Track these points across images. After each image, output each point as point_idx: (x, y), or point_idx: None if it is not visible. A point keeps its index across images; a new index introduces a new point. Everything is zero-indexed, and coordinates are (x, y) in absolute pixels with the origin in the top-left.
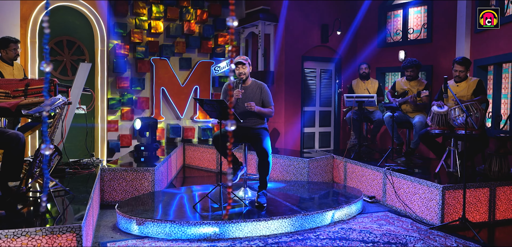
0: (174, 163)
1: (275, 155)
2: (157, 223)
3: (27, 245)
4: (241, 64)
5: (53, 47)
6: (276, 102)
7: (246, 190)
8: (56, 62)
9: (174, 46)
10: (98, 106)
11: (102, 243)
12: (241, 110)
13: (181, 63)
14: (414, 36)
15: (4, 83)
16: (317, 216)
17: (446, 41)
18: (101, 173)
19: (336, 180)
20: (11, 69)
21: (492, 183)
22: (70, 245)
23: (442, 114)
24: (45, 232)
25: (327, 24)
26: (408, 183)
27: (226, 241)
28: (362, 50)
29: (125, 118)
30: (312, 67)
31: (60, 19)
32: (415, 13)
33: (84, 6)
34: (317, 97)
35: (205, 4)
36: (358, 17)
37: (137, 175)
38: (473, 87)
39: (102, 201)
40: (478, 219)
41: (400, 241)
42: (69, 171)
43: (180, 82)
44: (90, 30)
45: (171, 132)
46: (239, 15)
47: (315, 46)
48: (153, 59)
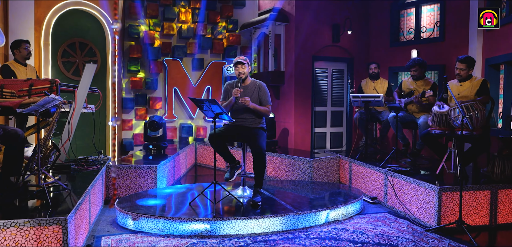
0: (183, 161)
1: (281, 154)
2: (150, 219)
3: (16, 235)
4: (240, 64)
5: (66, 49)
6: (286, 102)
7: (245, 188)
8: (69, 63)
9: (187, 47)
10: (109, 105)
11: (97, 236)
12: (238, 109)
13: (193, 64)
14: (427, 35)
15: (10, 83)
16: (310, 215)
17: (458, 40)
18: (106, 170)
19: (342, 181)
20: (24, 70)
21: (494, 185)
22: (57, 237)
23: (442, 115)
24: (33, 224)
25: (338, 24)
26: (407, 184)
27: (216, 238)
28: (375, 50)
29: (139, 118)
30: (323, 67)
31: (73, 22)
32: (428, 11)
33: (95, 9)
34: (329, 97)
35: (217, 6)
36: (370, 16)
37: (140, 172)
38: (477, 87)
39: (108, 197)
40: (478, 222)
41: (391, 243)
42: (74, 168)
43: (193, 82)
44: (102, 32)
45: (183, 131)
46: (252, 16)
47: (326, 46)
48: (165, 60)
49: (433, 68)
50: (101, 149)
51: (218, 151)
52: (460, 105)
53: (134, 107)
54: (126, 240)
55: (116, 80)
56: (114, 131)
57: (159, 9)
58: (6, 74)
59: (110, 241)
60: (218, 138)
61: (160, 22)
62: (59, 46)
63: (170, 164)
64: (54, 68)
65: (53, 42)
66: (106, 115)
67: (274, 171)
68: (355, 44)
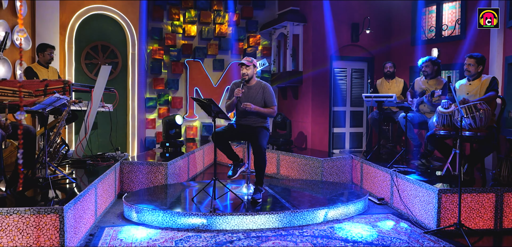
0: (199, 159)
1: (293, 154)
2: (151, 212)
3: (18, 222)
4: (244, 65)
5: (89, 51)
6: (304, 102)
7: (249, 186)
8: (92, 65)
9: (207, 48)
10: (129, 105)
11: (101, 227)
12: (242, 109)
13: (214, 65)
14: (448, 32)
15: (28, 83)
16: (307, 213)
17: (479, 38)
18: (120, 166)
19: (355, 181)
20: (46, 71)
21: (499, 188)
22: (54, 224)
23: (446, 115)
24: (33, 212)
25: (357, 23)
26: (410, 186)
27: (212, 232)
28: (396, 49)
29: (161, 116)
30: (342, 66)
31: (95, 26)
32: (450, 9)
33: (117, 13)
34: (348, 97)
35: (237, 7)
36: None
37: (152, 168)
38: (486, 85)
39: (122, 191)
40: (481, 226)
41: (383, 243)
42: (89, 163)
43: (213, 82)
44: (123, 35)
45: (204, 130)
46: (272, 17)
47: (345, 46)
48: (187, 61)
49: (454, 67)
50: (120, 145)
51: (221, 148)
52: (460, 106)
53: (157, 106)
54: (127, 231)
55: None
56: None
57: (181, 11)
58: (30, 76)
59: (112, 232)
60: (221, 136)
61: (182, 24)
62: (82, 49)
63: (183, 162)
64: (77, 70)
65: (77, 45)
66: (126, 114)
67: (287, 170)
68: (375, 43)
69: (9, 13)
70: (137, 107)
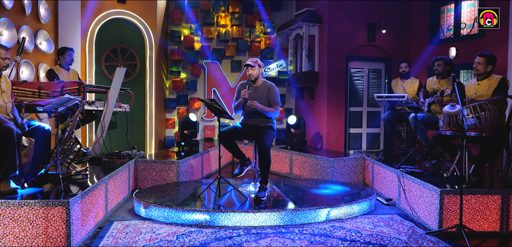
0: (214, 158)
1: (305, 153)
2: (158, 208)
3: (28, 213)
4: (249, 66)
5: (109, 54)
6: (320, 103)
7: (256, 184)
8: (111, 67)
9: (225, 50)
10: (147, 105)
11: (111, 220)
12: (248, 109)
13: (232, 66)
14: (466, 31)
15: (45, 85)
16: (309, 212)
17: (498, 37)
18: (135, 164)
19: (367, 182)
20: (66, 73)
21: (505, 189)
22: (61, 216)
23: (452, 115)
24: (42, 204)
25: (374, 23)
26: (415, 186)
27: (213, 228)
28: (413, 48)
29: (180, 116)
30: (358, 67)
31: (115, 30)
32: (469, 6)
33: (135, 17)
34: (365, 97)
35: (254, 9)
36: (409, 14)
37: (164, 166)
38: (495, 85)
39: (136, 188)
40: (486, 228)
41: (381, 243)
42: (105, 160)
43: (231, 83)
44: (141, 38)
45: None
46: (289, 18)
47: (362, 46)
48: (205, 62)
49: (472, 67)
50: (138, 144)
51: (228, 148)
52: (462, 106)
53: (176, 107)
54: (133, 225)
55: (154, 82)
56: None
57: (199, 14)
58: (51, 77)
59: (119, 225)
60: (228, 136)
61: (200, 26)
62: (102, 52)
63: (197, 160)
64: (98, 72)
65: (97, 48)
66: (144, 114)
67: (299, 170)
68: (392, 43)
69: (32, 19)
70: (154, 108)
